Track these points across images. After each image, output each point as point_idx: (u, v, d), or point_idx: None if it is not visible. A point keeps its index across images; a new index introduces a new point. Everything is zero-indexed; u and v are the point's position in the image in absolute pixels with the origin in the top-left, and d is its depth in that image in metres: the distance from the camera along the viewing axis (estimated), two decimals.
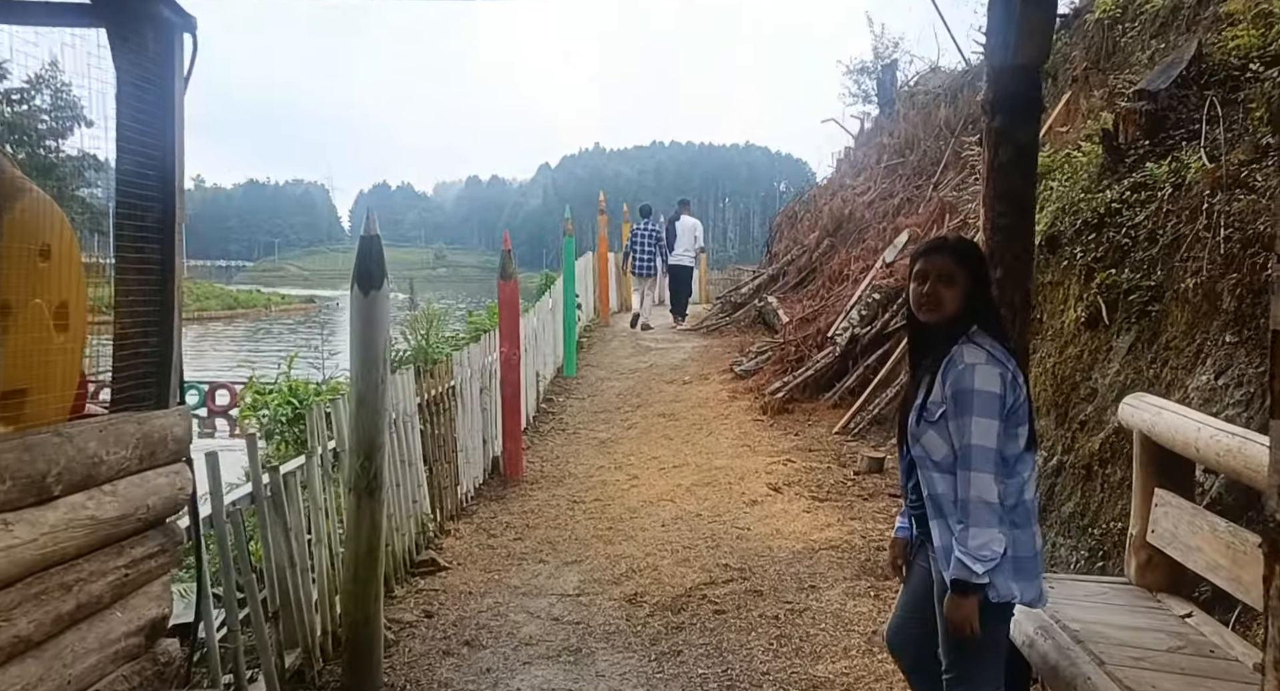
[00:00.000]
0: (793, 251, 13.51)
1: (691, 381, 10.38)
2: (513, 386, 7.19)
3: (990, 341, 2.32)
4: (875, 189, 12.81)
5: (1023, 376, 2.39)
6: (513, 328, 7.19)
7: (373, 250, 3.65)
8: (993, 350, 2.30)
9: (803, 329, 10.01)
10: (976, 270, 2.40)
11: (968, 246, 2.49)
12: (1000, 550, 2.22)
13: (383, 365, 3.66)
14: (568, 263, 10.66)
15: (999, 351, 2.31)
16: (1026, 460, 2.36)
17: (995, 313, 2.47)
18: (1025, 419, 2.34)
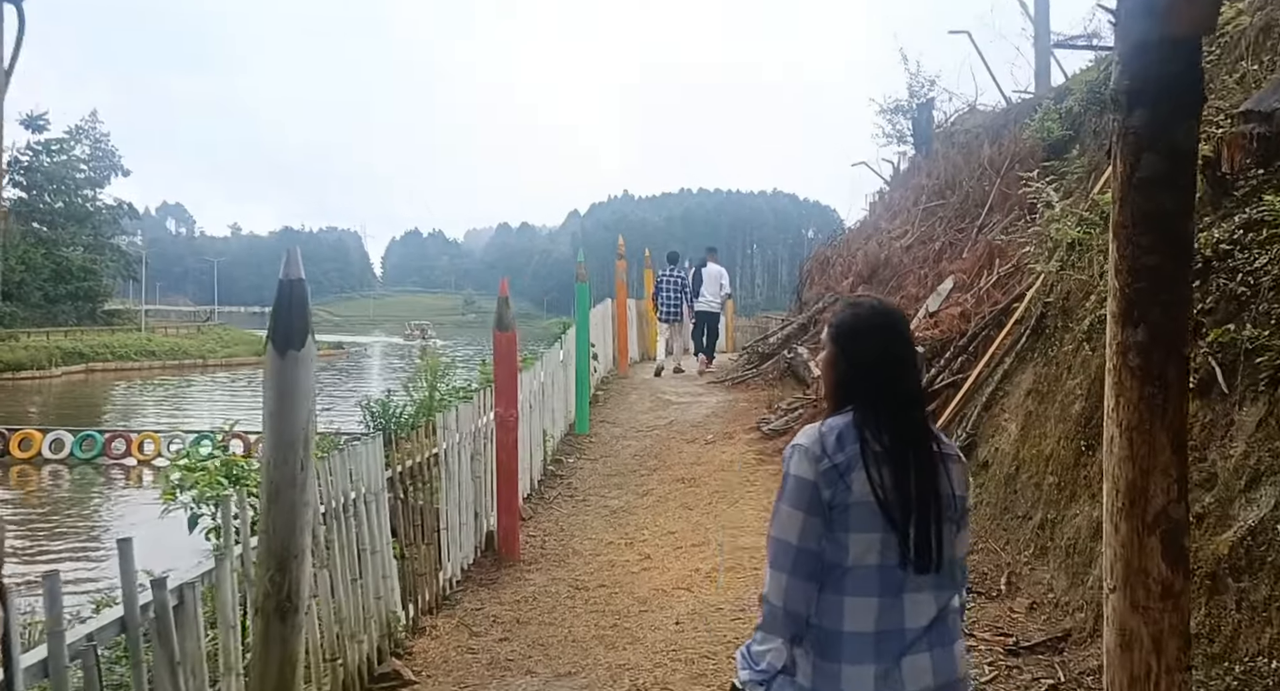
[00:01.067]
0: (825, 299, 12.63)
1: (715, 441, 9.47)
2: (509, 452, 6.34)
3: (843, 422, 1.88)
4: (913, 232, 11.95)
5: (888, 473, 1.81)
6: (509, 385, 6.36)
7: (293, 298, 2.84)
8: (828, 432, 1.87)
9: None
10: (842, 342, 1.98)
11: (837, 315, 2.05)
12: (777, 665, 1.85)
13: (304, 447, 2.82)
14: (581, 310, 9.88)
15: (835, 435, 1.86)
16: (863, 581, 1.82)
17: (867, 390, 1.91)
18: (867, 526, 1.80)
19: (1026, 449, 5.97)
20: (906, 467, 1.82)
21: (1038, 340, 6.65)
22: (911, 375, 1.95)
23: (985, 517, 6.14)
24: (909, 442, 1.84)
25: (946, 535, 1.85)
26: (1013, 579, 5.18)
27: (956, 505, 1.89)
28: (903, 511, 1.80)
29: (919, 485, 1.82)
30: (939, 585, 1.85)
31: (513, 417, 6.36)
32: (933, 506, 1.83)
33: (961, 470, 1.94)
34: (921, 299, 9.49)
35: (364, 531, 4.41)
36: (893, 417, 1.86)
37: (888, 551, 1.81)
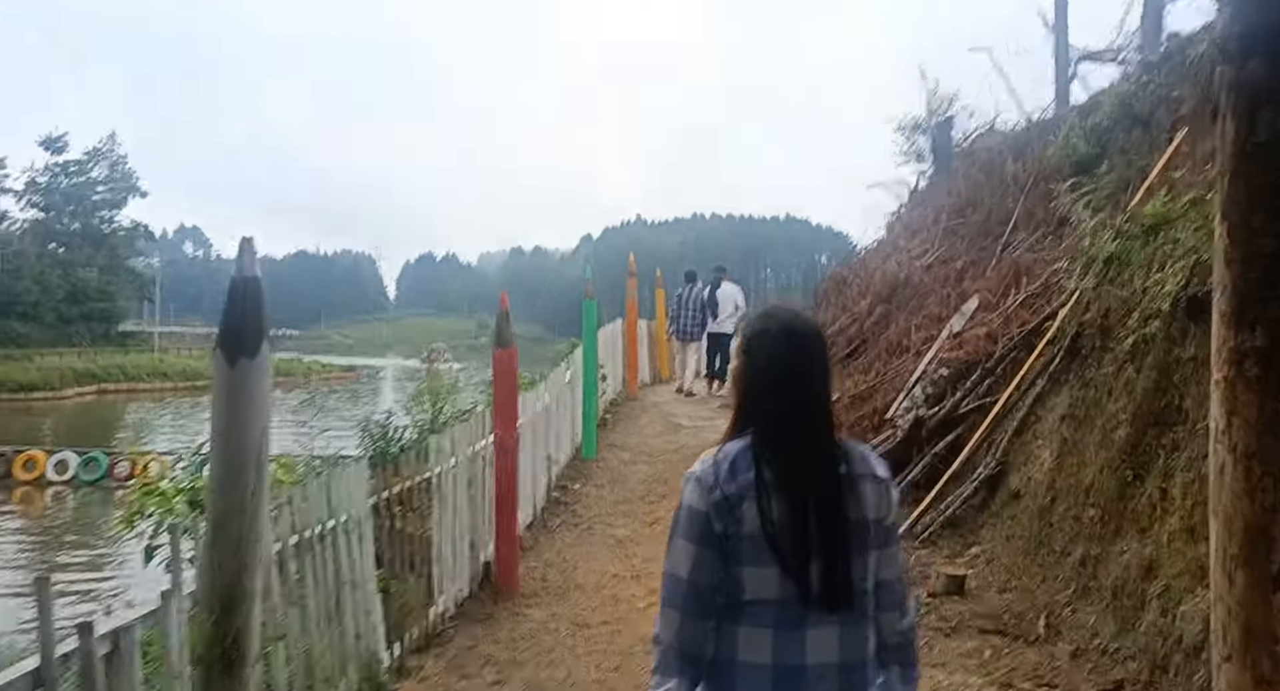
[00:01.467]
0: (841, 320, 12.23)
1: None
2: (508, 477, 5.96)
3: (739, 447, 1.76)
4: (934, 251, 11.56)
5: (782, 505, 1.70)
6: (509, 405, 5.99)
7: (246, 298, 2.49)
8: (723, 459, 1.76)
9: (856, 408, 8.68)
10: (749, 353, 1.84)
11: (749, 323, 1.92)
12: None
13: (256, 470, 2.45)
14: (588, 329, 9.53)
15: (729, 462, 1.75)
16: (760, 614, 1.72)
17: (768, 409, 1.77)
18: (761, 560, 1.71)
19: (1063, 478, 5.55)
20: (804, 498, 1.70)
21: (1072, 361, 6.24)
22: (818, 393, 1.79)
23: (1017, 552, 5.71)
24: (808, 469, 1.71)
25: (857, 567, 1.72)
26: (1052, 620, 4.75)
27: (872, 530, 1.75)
28: (796, 547, 1.68)
29: (819, 516, 1.69)
30: (848, 618, 1.72)
31: (512, 440, 5.98)
32: (837, 539, 1.70)
33: (879, 490, 1.78)
34: (944, 319, 9.09)
35: (343, 564, 4.03)
36: (791, 440, 1.72)
37: (786, 586, 1.69)
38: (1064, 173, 10.44)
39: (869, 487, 1.77)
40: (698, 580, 1.72)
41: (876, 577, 1.78)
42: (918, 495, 7.29)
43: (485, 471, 6.03)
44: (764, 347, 1.81)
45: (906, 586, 1.89)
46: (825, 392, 1.84)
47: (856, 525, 1.73)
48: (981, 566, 5.85)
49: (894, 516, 1.84)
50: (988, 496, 6.51)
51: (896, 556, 1.84)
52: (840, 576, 1.69)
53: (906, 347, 9.00)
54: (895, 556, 1.84)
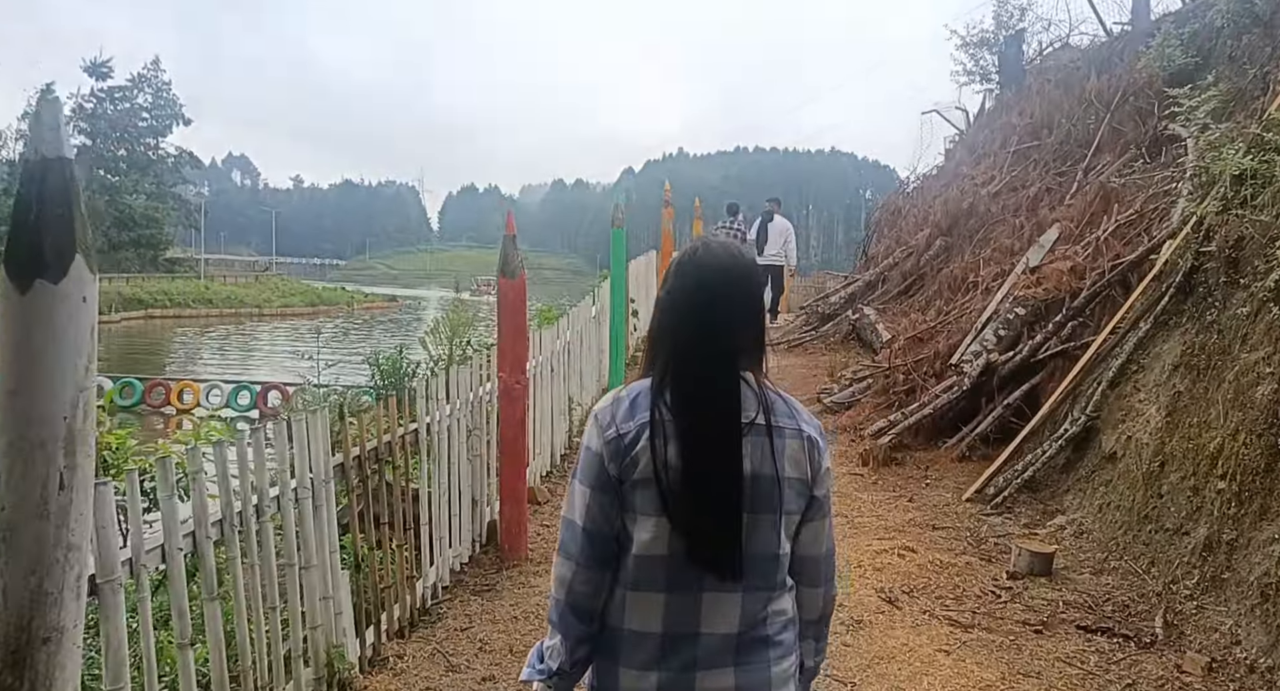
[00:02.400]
0: (895, 253, 11.19)
1: None
2: (515, 428, 5.15)
3: (644, 385, 1.59)
4: (1002, 178, 10.41)
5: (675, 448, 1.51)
6: (517, 346, 5.15)
7: (45, 191, 1.64)
8: (626, 396, 1.59)
9: (913, 350, 7.73)
10: (666, 284, 1.63)
11: (679, 253, 1.66)
12: (553, 666, 1.62)
13: (65, 446, 1.62)
14: (616, 260, 8.64)
15: (631, 399, 1.57)
16: (650, 573, 1.54)
17: (675, 344, 1.57)
18: (653, 509, 1.51)
19: (1177, 441, 4.61)
20: (698, 443, 1.51)
21: (1186, 300, 5.24)
22: (726, 331, 1.56)
23: (1115, 526, 4.81)
24: (705, 410, 1.52)
25: (762, 529, 1.54)
26: (1173, 619, 3.87)
27: (787, 491, 1.55)
28: (686, 498, 1.50)
29: (713, 464, 1.51)
30: (752, 585, 1.55)
31: (520, 386, 5.15)
32: (731, 491, 1.51)
33: (803, 448, 1.58)
34: (1018, 252, 8.04)
35: (291, 541, 3.27)
36: (690, 379, 1.54)
37: (677, 542, 1.52)
38: (1156, 87, 9.21)
39: (789, 443, 1.57)
40: (591, 527, 1.57)
41: (797, 549, 1.61)
42: (988, 452, 6.40)
43: (491, 420, 5.24)
44: (675, 280, 1.62)
45: (834, 565, 1.69)
46: (737, 332, 1.58)
47: (762, 481, 1.53)
48: (1069, 541, 4.97)
49: (824, 482, 1.62)
50: (1074, 457, 5.59)
51: (823, 530, 1.64)
52: (730, 535, 1.52)
53: (974, 284, 7.99)
54: (821, 530, 1.64)
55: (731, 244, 1.69)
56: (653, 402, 1.54)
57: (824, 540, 1.65)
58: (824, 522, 1.64)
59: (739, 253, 1.66)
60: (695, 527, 1.51)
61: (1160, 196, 7.12)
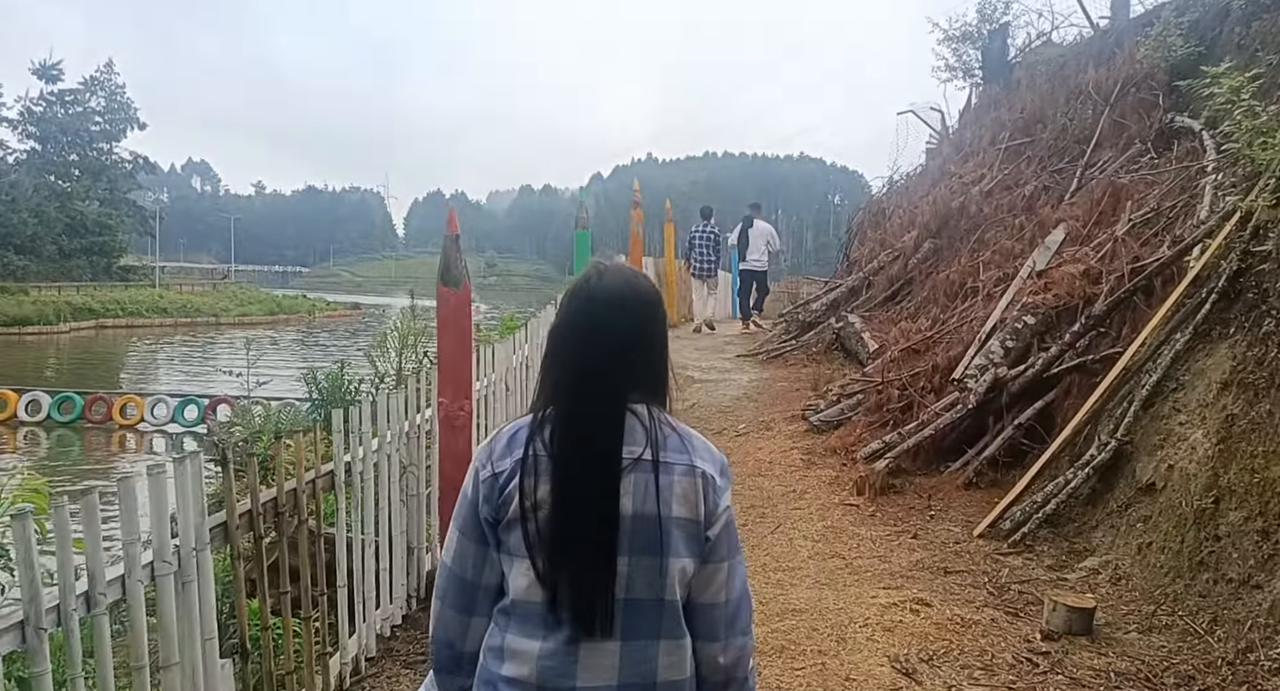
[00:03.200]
0: (880, 257, 10.52)
1: (748, 433, 7.46)
2: (458, 461, 4.36)
3: (523, 420, 1.50)
4: (993, 176, 9.78)
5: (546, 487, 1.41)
6: (459, 366, 4.36)
7: None
8: (508, 431, 1.50)
9: (909, 363, 7.04)
10: (559, 311, 1.54)
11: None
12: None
13: None
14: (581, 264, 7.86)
15: (511, 435, 1.48)
16: (527, 620, 1.42)
17: (558, 375, 1.48)
18: (523, 553, 1.41)
19: (1235, 473, 3.93)
20: (572, 481, 1.40)
21: (1233, 307, 4.57)
22: (620, 364, 1.44)
23: (1160, 571, 4.11)
24: (585, 447, 1.41)
25: (638, 572, 1.39)
26: None
27: (674, 532, 1.40)
28: (551, 542, 1.39)
29: (585, 504, 1.39)
30: (634, 635, 1.40)
31: (464, 412, 4.37)
32: (603, 533, 1.38)
33: (695, 487, 1.42)
34: (1019, 255, 7.38)
35: (145, 633, 2.46)
36: (575, 414, 1.43)
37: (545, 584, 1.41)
38: (1159, 79, 8.64)
39: (677, 480, 1.42)
40: (459, 571, 1.48)
41: (693, 596, 1.45)
42: (997, 477, 5.70)
43: (426, 452, 4.45)
44: (566, 309, 1.50)
45: (743, 616, 1.49)
46: (628, 365, 1.45)
47: (643, 522, 1.39)
48: (1106, 588, 4.26)
49: (719, 522, 1.45)
50: (1102, 487, 4.90)
51: (720, 575, 1.46)
52: (598, 583, 1.38)
53: (973, 289, 7.32)
54: (718, 575, 1.46)
55: (630, 271, 1.57)
56: (529, 438, 1.44)
57: (726, 587, 1.49)
58: (723, 567, 1.48)
59: (637, 281, 1.54)
60: (560, 573, 1.39)
61: (1177, 192, 6.49)
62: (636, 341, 1.48)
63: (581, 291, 1.49)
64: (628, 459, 1.41)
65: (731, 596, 1.48)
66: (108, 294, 53.00)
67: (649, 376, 1.49)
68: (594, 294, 1.48)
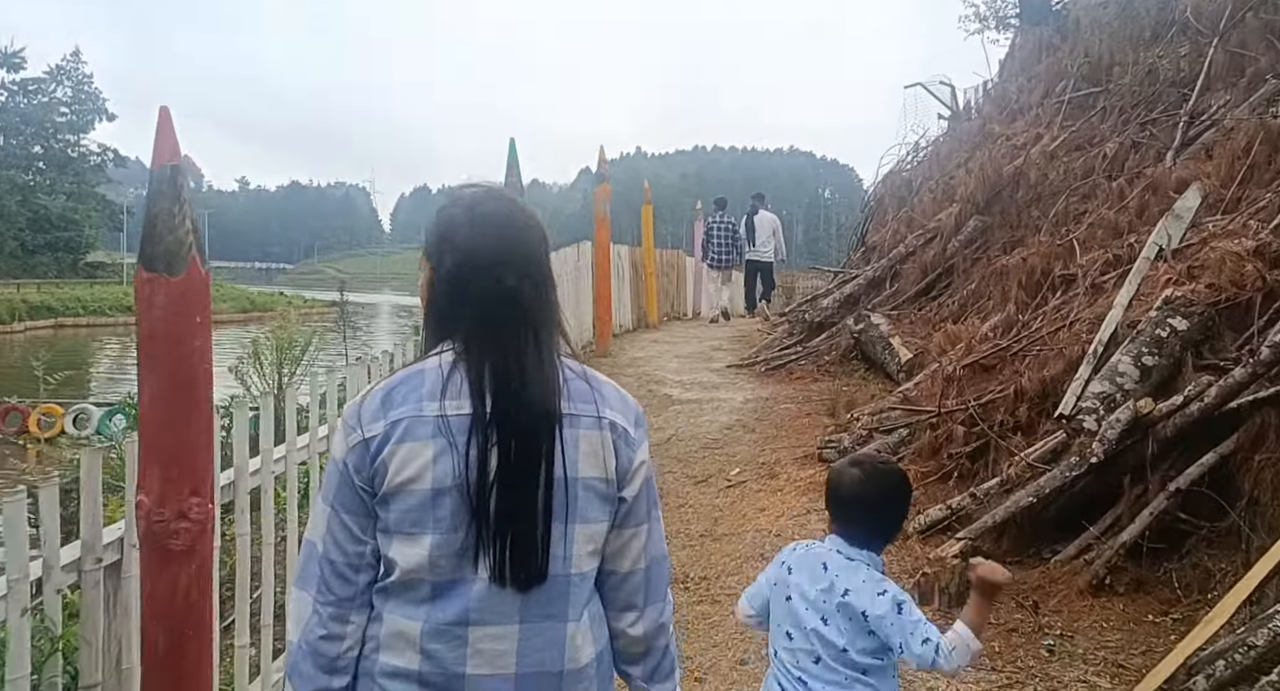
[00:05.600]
0: (907, 240, 8.36)
1: (745, 481, 5.29)
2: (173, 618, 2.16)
3: (409, 373, 1.28)
4: (1053, 135, 7.63)
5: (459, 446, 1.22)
6: (183, 425, 2.17)
7: None
8: (382, 389, 1.27)
9: (975, 384, 4.89)
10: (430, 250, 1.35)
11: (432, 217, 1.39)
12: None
13: None
14: None
15: (386, 393, 1.26)
16: (409, 602, 1.24)
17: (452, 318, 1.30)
18: (415, 524, 1.22)
19: None
20: (489, 438, 1.21)
21: None
22: (532, 295, 1.27)
23: None
24: (518, 397, 1.22)
25: (558, 536, 1.24)
26: None
27: (575, 493, 1.25)
28: (475, 502, 1.21)
29: (516, 460, 1.22)
30: (535, 616, 1.24)
31: (192, 524, 2.18)
32: (537, 493, 1.23)
33: (604, 441, 1.27)
34: (1127, 230, 5.22)
35: None
36: (498, 357, 1.24)
37: (443, 561, 1.22)
38: None
39: (584, 435, 1.26)
40: (333, 554, 1.26)
41: (606, 564, 1.32)
42: (1144, 576, 3.55)
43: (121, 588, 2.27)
44: (451, 235, 1.30)
45: (661, 580, 1.37)
46: (538, 295, 1.28)
47: (562, 483, 1.24)
48: None
49: (636, 480, 1.31)
50: None
51: (639, 541, 1.33)
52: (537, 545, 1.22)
53: (1066, 279, 5.14)
54: (635, 540, 1.32)
55: (503, 189, 1.39)
56: (421, 392, 1.23)
57: (643, 552, 1.33)
58: (641, 531, 1.33)
59: (518, 199, 1.37)
60: (483, 540, 1.21)
61: None
62: (540, 269, 1.31)
63: (463, 209, 1.31)
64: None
65: (650, 562, 1.34)
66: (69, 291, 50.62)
67: (549, 311, 1.30)
68: (488, 217, 1.30)
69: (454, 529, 1.20)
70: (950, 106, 12.36)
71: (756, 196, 13.30)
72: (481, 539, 1.20)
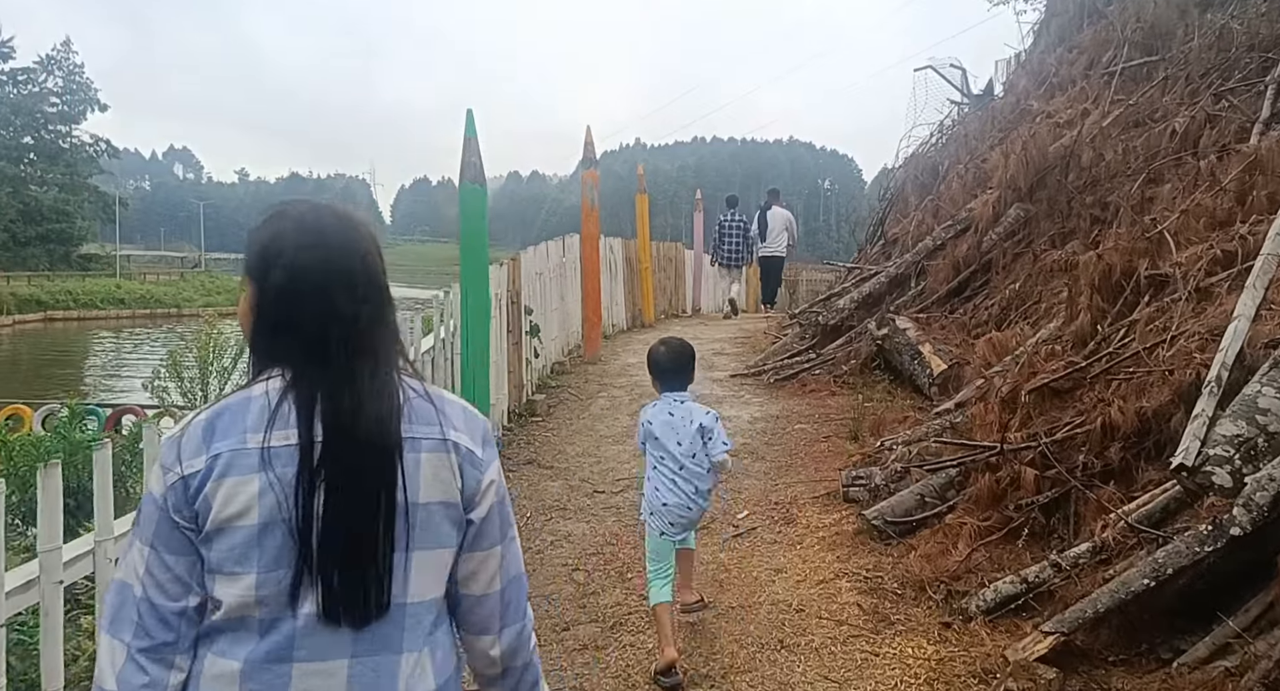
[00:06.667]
0: (935, 232, 7.36)
1: (756, 528, 4.30)
2: None
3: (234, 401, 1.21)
4: (1104, 110, 6.62)
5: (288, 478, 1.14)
6: None
7: None
8: (203, 420, 1.19)
9: (1044, 410, 3.89)
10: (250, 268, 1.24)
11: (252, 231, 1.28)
12: None
13: None
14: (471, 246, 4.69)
15: (207, 423, 1.18)
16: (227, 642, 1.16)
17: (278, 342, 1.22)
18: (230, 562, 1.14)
19: None
20: (318, 470, 1.14)
21: None
22: (356, 314, 1.19)
23: None
24: (330, 428, 1.14)
25: (397, 565, 1.17)
26: None
27: (416, 519, 1.18)
28: (300, 537, 1.13)
29: (348, 492, 1.14)
30: (367, 651, 1.16)
31: None
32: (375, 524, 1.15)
33: (450, 463, 1.21)
34: (1226, 222, 4.21)
35: None
36: (312, 385, 1.16)
37: (269, 598, 1.14)
38: None
39: (426, 458, 1.19)
40: (155, 596, 1.16)
41: (458, 588, 1.26)
42: None
43: None
44: (275, 253, 1.21)
45: (517, 601, 1.31)
46: (373, 315, 1.21)
47: (404, 510, 1.18)
48: None
49: (485, 502, 1.25)
50: None
51: (492, 563, 1.27)
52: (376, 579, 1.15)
53: (1157, 280, 4.12)
54: (488, 563, 1.27)
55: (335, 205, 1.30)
56: (270, 421, 1.15)
57: (497, 574, 1.28)
58: (494, 552, 1.27)
59: (347, 209, 1.30)
60: (319, 581, 1.14)
61: None
62: (375, 289, 1.23)
63: (288, 224, 1.23)
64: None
65: (505, 584, 1.30)
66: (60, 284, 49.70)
67: (388, 331, 1.24)
68: (315, 218, 1.24)
69: (279, 565, 1.12)
70: (961, 89, 11.37)
71: (771, 192, 13.23)
72: (306, 575, 1.12)
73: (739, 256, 12.62)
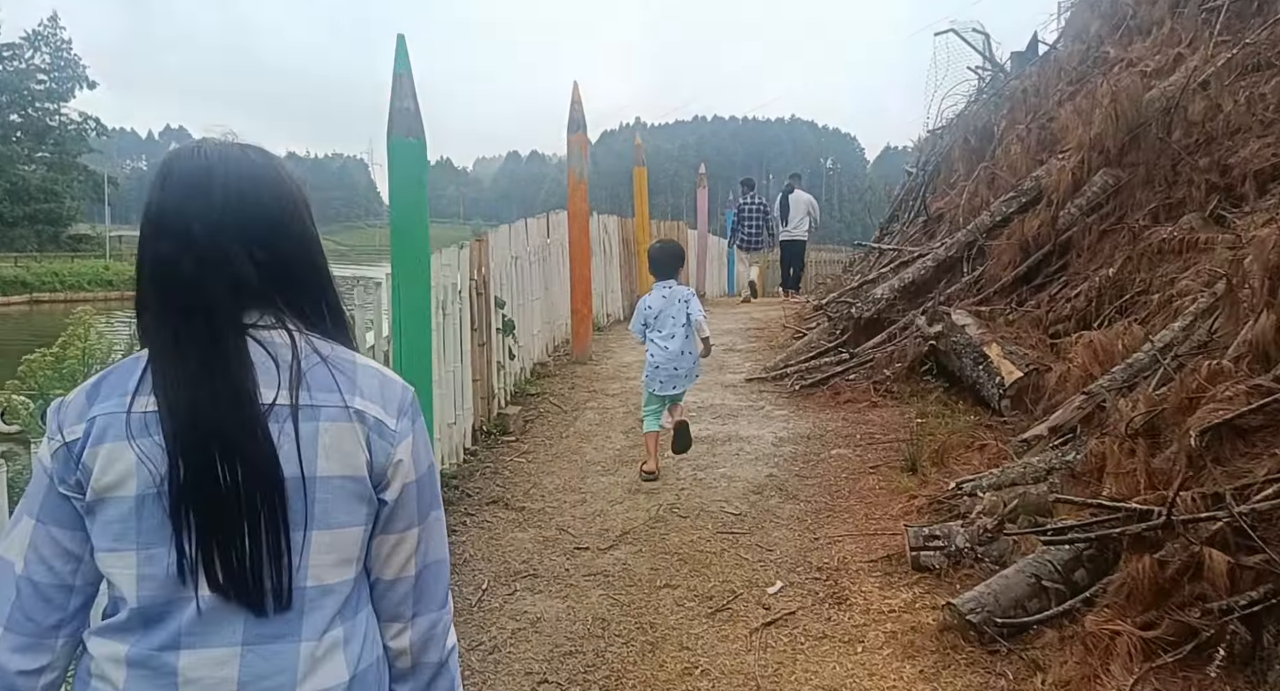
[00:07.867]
0: (993, 206, 6.10)
1: (794, 608, 3.09)
2: None
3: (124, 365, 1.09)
4: (1207, 55, 5.36)
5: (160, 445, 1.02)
6: None
7: None
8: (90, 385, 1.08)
9: (1224, 458, 2.68)
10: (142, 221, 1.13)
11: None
12: None
13: None
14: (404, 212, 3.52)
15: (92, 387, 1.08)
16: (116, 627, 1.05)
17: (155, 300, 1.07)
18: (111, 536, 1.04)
19: None
20: (179, 438, 1.01)
21: None
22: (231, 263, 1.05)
23: None
24: (198, 389, 1.02)
25: (295, 545, 1.04)
26: None
27: (314, 495, 1.04)
28: (173, 512, 1.01)
29: (213, 463, 1.01)
30: (261, 634, 1.04)
31: None
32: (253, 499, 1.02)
33: (355, 434, 1.05)
34: None
35: None
36: (174, 341, 1.03)
37: (154, 579, 1.02)
38: None
39: (325, 427, 1.04)
40: (38, 575, 1.06)
41: (373, 571, 1.13)
42: None
43: None
44: (151, 204, 1.08)
45: (434, 587, 1.15)
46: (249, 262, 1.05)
47: (298, 483, 1.03)
48: None
49: (397, 480, 1.09)
50: None
51: (406, 546, 1.12)
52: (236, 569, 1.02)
53: None
54: (402, 546, 1.12)
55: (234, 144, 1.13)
56: (137, 383, 1.04)
57: (411, 558, 1.14)
58: (409, 535, 1.13)
59: (248, 152, 1.12)
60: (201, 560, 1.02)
61: None
62: (257, 227, 1.08)
63: (169, 173, 1.09)
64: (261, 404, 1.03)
65: (420, 569, 1.16)
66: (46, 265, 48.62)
67: (284, 283, 1.09)
68: (168, 171, 1.09)
69: (159, 542, 1.01)
70: (985, 56, 10.10)
71: (793, 176, 13.21)
72: (185, 554, 1.01)
73: (759, 239, 12.48)
